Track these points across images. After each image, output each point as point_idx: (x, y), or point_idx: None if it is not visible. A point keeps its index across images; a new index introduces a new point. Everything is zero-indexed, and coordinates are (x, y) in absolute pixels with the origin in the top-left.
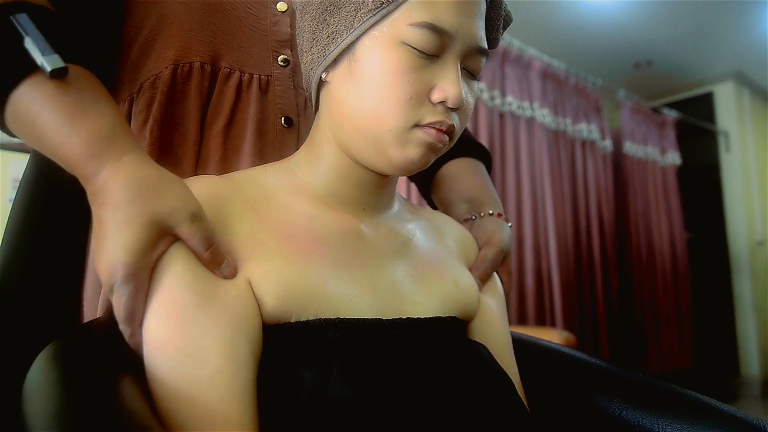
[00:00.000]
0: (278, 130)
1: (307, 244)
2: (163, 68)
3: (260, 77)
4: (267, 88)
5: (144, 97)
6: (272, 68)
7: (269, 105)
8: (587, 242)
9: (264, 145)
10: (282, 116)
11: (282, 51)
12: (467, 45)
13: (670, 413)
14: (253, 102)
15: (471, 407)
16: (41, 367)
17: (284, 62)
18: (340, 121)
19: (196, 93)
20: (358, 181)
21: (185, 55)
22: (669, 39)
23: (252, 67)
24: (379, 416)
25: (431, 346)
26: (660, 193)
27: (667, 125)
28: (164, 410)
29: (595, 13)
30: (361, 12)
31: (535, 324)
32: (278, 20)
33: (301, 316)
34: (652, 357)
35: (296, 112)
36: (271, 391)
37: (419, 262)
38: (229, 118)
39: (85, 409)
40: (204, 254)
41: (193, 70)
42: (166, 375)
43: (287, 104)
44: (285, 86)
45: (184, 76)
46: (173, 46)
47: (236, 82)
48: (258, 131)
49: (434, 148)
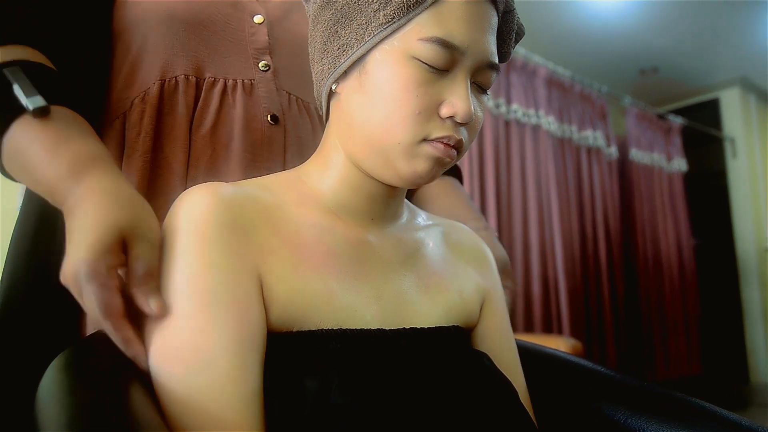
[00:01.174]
0: (265, 128)
1: (316, 254)
2: (151, 84)
3: (243, 81)
4: (252, 91)
5: (135, 112)
6: (254, 73)
7: (255, 105)
8: (593, 249)
9: (253, 142)
10: (268, 114)
11: (262, 57)
12: (478, 60)
13: (675, 421)
14: (239, 103)
15: (473, 416)
16: (54, 376)
17: (265, 67)
18: (349, 133)
19: (183, 102)
20: (367, 192)
21: (170, 71)
22: (674, 45)
23: (235, 73)
24: (381, 425)
25: (434, 356)
26: (666, 199)
27: (673, 132)
28: (173, 417)
29: (600, 20)
30: (372, 26)
31: (542, 332)
32: (256, 30)
33: (304, 326)
34: (659, 364)
35: (281, 111)
36: (275, 398)
37: (425, 272)
38: (215, 118)
39: (98, 416)
40: (141, 280)
41: (179, 82)
42: (174, 382)
43: (272, 104)
44: (268, 88)
45: (171, 89)
46: (158, 65)
47: (221, 88)
48: (246, 129)
49: (442, 163)
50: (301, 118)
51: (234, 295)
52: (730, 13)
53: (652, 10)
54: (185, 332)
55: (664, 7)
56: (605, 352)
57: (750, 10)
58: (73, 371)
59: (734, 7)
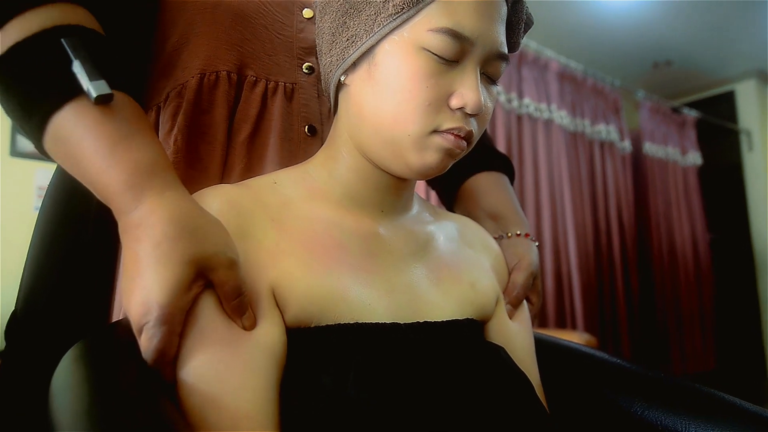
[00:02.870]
0: (302, 139)
1: (327, 250)
2: (189, 77)
3: (285, 85)
4: (292, 96)
5: (171, 106)
6: (297, 76)
7: (293, 113)
8: (607, 244)
9: (288, 153)
10: (306, 125)
11: (307, 59)
12: (487, 50)
13: (693, 412)
14: (278, 110)
15: (489, 408)
16: (68, 366)
17: (309, 70)
18: (359, 124)
19: (223, 101)
20: (376, 184)
21: (212, 65)
22: (688, 38)
23: (277, 74)
24: (397, 418)
25: (448, 349)
26: (681, 193)
27: (687, 125)
28: (189, 408)
29: (613, 13)
30: (381, 16)
31: (556, 327)
32: (304, 27)
33: (321, 321)
34: (674, 359)
35: (320, 120)
36: (292, 393)
37: (437, 264)
38: (254, 126)
39: (111, 407)
40: (232, 303)
41: (219, 78)
42: (189, 377)
43: (311, 113)
44: (309, 94)
45: (210, 85)
46: (200, 56)
47: (262, 90)
48: (282, 139)
49: (452, 154)
50: None
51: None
52: (744, 4)
53: (665, 2)
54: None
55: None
56: (619, 348)
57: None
58: (87, 361)
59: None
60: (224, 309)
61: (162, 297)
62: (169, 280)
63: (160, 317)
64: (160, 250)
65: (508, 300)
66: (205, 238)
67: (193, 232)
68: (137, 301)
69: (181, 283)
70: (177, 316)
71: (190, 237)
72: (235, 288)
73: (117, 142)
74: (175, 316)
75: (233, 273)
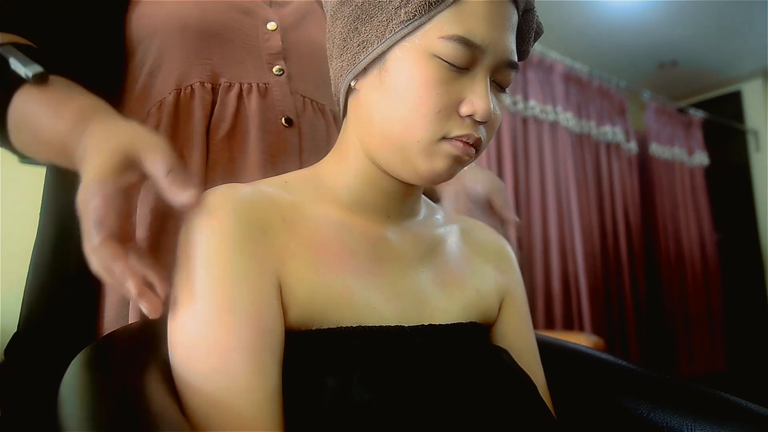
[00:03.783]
0: (280, 130)
1: (334, 253)
2: (167, 94)
3: (258, 85)
4: (266, 94)
5: (152, 122)
6: (269, 77)
7: (269, 108)
8: (614, 245)
9: (268, 143)
10: (283, 117)
11: (276, 62)
12: (498, 59)
13: (698, 414)
14: (254, 106)
15: (493, 410)
16: (76, 372)
17: (279, 71)
18: (368, 130)
19: (200, 108)
20: (384, 189)
21: (186, 80)
22: (694, 38)
23: (250, 78)
24: (401, 421)
25: (452, 352)
26: (688, 194)
27: (693, 125)
28: (193, 413)
29: (618, 14)
30: (393, 23)
31: (563, 329)
32: (269, 37)
33: (323, 324)
34: (683, 361)
35: (296, 113)
36: (295, 396)
37: (443, 269)
38: (232, 122)
39: (119, 412)
40: (165, 177)
41: (194, 89)
42: (195, 380)
43: (286, 106)
44: (283, 91)
45: (187, 97)
46: (174, 74)
47: (237, 92)
48: (261, 131)
49: (461, 161)
50: (316, 120)
51: (253, 301)
52: (750, 3)
53: (670, 1)
54: (206, 335)
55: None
56: (627, 349)
57: None
58: (94, 368)
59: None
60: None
61: (95, 176)
62: (99, 164)
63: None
64: (95, 147)
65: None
66: (132, 131)
67: (122, 131)
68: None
69: (110, 165)
70: (110, 190)
71: (119, 133)
72: (165, 162)
73: (60, 101)
74: (108, 190)
75: (160, 151)
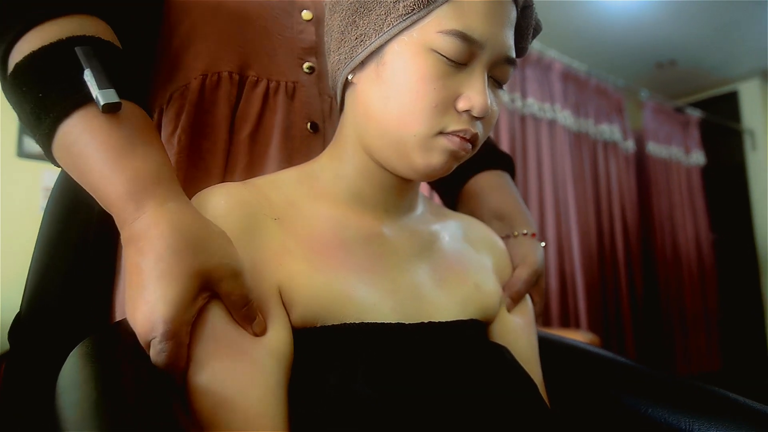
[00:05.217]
0: (305, 135)
1: (332, 250)
2: (192, 79)
3: (287, 84)
4: (293, 95)
5: (173, 107)
6: (298, 75)
7: (296, 111)
8: (611, 244)
9: (291, 150)
10: (308, 121)
11: (307, 58)
12: (496, 54)
13: (696, 411)
14: (280, 108)
15: (492, 407)
16: (75, 363)
17: (309, 69)
18: (365, 123)
19: (225, 101)
20: (381, 184)
21: (214, 65)
22: (691, 37)
23: (278, 74)
24: (403, 416)
25: (453, 349)
26: (685, 193)
27: (691, 125)
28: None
29: (616, 14)
30: (392, 16)
31: (560, 326)
32: (303, 28)
33: (327, 321)
34: (679, 360)
35: (322, 117)
36: (299, 393)
37: (441, 264)
38: (255, 124)
39: (118, 403)
40: (240, 311)
41: (221, 79)
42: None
43: (313, 110)
44: (311, 93)
45: (212, 86)
46: (202, 57)
47: (263, 90)
48: (285, 136)
49: (457, 156)
50: None
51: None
52: (747, 3)
53: (668, 2)
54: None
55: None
56: (624, 348)
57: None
58: (93, 359)
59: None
60: (233, 318)
61: (167, 312)
62: (173, 294)
63: (166, 333)
64: (164, 264)
65: (508, 293)
66: (208, 249)
67: (196, 245)
68: (143, 317)
69: (185, 298)
70: (182, 329)
71: (193, 249)
72: (242, 297)
73: (121, 151)
74: (180, 330)
75: (239, 282)
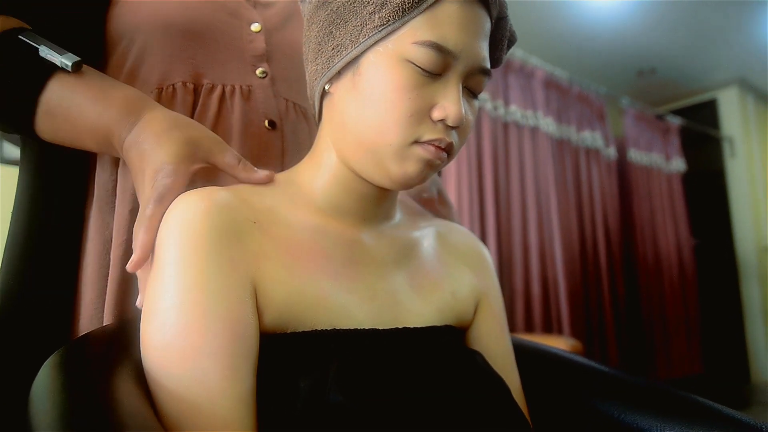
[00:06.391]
0: (263, 133)
1: (309, 256)
2: (148, 93)
3: (241, 87)
4: (249, 97)
5: None
6: (252, 79)
7: (252, 110)
8: (593, 250)
9: (251, 147)
10: (266, 120)
11: (259, 64)
12: (470, 65)
13: (668, 415)
14: (237, 108)
15: (466, 412)
16: (48, 374)
17: (263, 74)
18: (342, 133)
19: (181, 109)
20: (359, 193)
21: (168, 78)
22: (672, 46)
23: (233, 79)
24: (375, 423)
25: (427, 355)
26: (665, 199)
27: (671, 132)
28: (166, 415)
29: (598, 22)
30: (367, 27)
31: (543, 332)
32: (253, 38)
33: (298, 327)
34: (660, 364)
35: (279, 116)
36: (269, 398)
37: (418, 272)
38: (213, 124)
39: (90, 413)
40: (237, 167)
41: (176, 89)
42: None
43: (269, 109)
44: (266, 94)
45: (168, 97)
46: (156, 73)
47: (219, 94)
48: (244, 134)
49: (432, 165)
50: (298, 124)
51: (227, 305)
52: (727, 13)
53: (649, 10)
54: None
55: (661, 8)
56: (606, 353)
57: (747, 10)
58: (66, 370)
59: (731, 7)
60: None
61: (169, 158)
62: (173, 149)
63: (170, 169)
64: (162, 137)
65: None
66: (196, 128)
67: (186, 124)
68: (152, 168)
69: (183, 153)
70: (181, 172)
71: (184, 126)
72: (234, 156)
73: (104, 90)
74: (179, 170)
75: (226, 147)
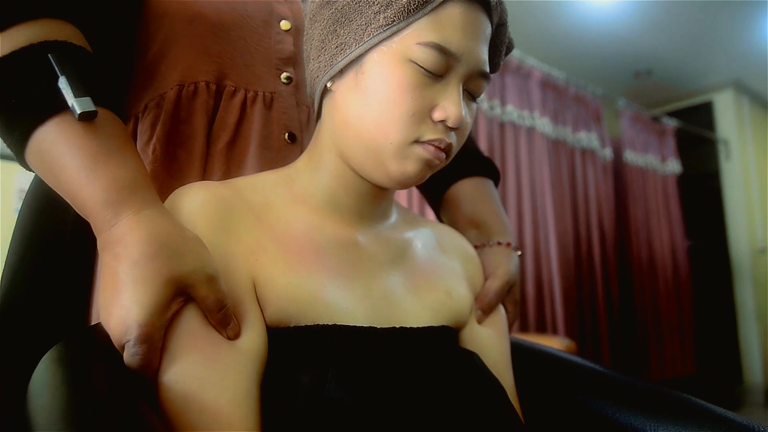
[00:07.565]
0: (282, 146)
1: (306, 252)
2: (168, 89)
3: (264, 94)
4: (271, 105)
5: (149, 117)
6: (276, 85)
7: (273, 121)
8: (588, 251)
9: (268, 160)
10: (286, 132)
11: (285, 69)
12: (471, 68)
13: (662, 415)
14: (257, 118)
15: (461, 412)
16: (47, 368)
17: (287, 80)
18: (342, 131)
19: (201, 111)
20: (357, 191)
21: (191, 76)
22: (668, 48)
23: (256, 84)
24: (373, 419)
25: (423, 355)
26: (660, 201)
27: (667, 134)
28: (168, 410)
29: (595, 23)
30: (372, 27)
31: (537, 332)
32: (281, 38)
33: (300, 321)
34: (654, 365)
35: (299, 128)
36: (271, 393)
37: (414, 272)
38: (233, 134)
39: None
40: (216, 316)
41: (198, 89)
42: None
43: (291, 120)
44: (288, 103)
45: (189, 96)
46: (179, 67)
47: (241, 100)
48: (262, 147)
49: (431, 165)
50: None
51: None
52: (723, 16)
53: (646, 12)
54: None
55: (658, 10)
56: (600, 353)
57: (743, 13)
58: (65, 364)
59: (727, 10)
60: (209, 321)
61: (141, 316)
62: (147, 299)
63: (140, 336)
64: (139, 270)
65: (479, 306)
66: (183, 256)
67: (171, 251)
68: (117, 321)
69: (159, 302)
70: (156, 333)
71: (168, 256)
72: (216, 302)
73: (97, 159)
74: (154, 334)
75: (213, 287)
